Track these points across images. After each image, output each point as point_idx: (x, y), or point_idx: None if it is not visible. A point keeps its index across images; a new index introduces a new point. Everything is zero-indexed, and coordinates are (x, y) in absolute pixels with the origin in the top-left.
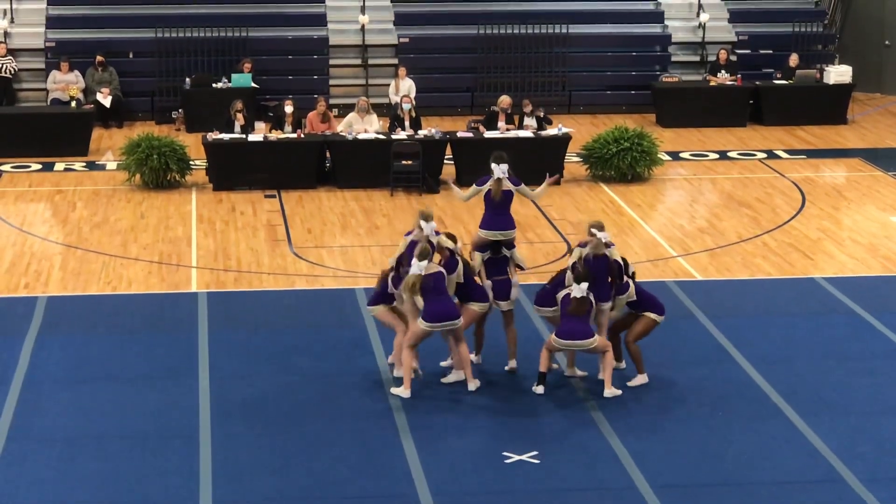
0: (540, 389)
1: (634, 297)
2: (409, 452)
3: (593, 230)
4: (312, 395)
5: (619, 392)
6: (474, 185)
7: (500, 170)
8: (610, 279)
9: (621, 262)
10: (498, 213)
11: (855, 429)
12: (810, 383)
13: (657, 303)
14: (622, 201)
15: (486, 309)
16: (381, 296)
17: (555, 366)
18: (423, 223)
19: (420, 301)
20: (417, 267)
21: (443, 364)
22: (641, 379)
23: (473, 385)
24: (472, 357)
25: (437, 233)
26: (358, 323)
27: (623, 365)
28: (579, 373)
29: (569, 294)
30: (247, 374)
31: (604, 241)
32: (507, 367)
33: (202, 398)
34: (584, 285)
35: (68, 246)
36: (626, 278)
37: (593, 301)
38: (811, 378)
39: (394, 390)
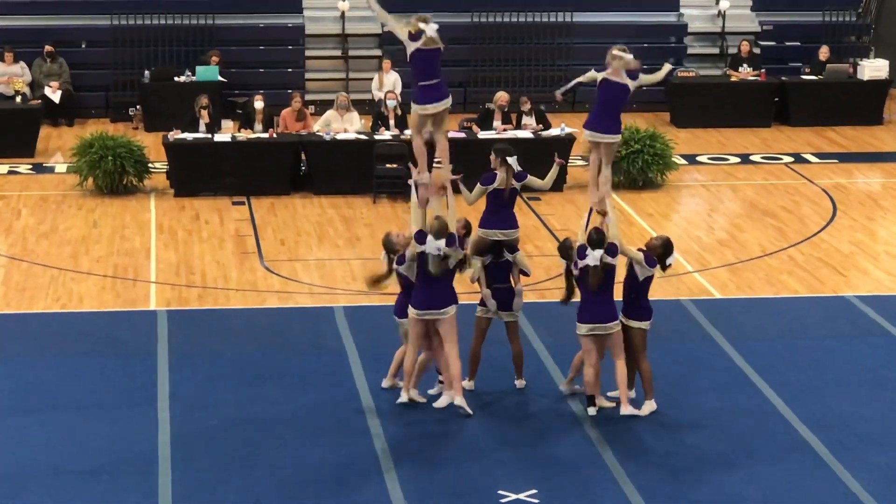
0: (592, 411)
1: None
2: (394, 492)
3: (616, 51)
4: (284, 425)
5: (638, 412)
6: (479, 185)
7: (514, 161)
8: None
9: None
10: (500, 210)
11: (892, 466)
12: (842, 414)
13: (648, 307)
14: (632, 210)
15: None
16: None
17: (576, 387)
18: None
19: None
20: (434, 247)
21: (431, 392)
22: (651, 406)
23: (460, 399)
24: (465, 383)
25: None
26: (336, 345)
27: (633, 393)
28: (577, 388)
29: (586, 266)
30: (211, 402)
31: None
32: (517, 384)
33: (162, 429)
34: (599, 252)
35: (12, 258)
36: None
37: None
38: (843, 408)
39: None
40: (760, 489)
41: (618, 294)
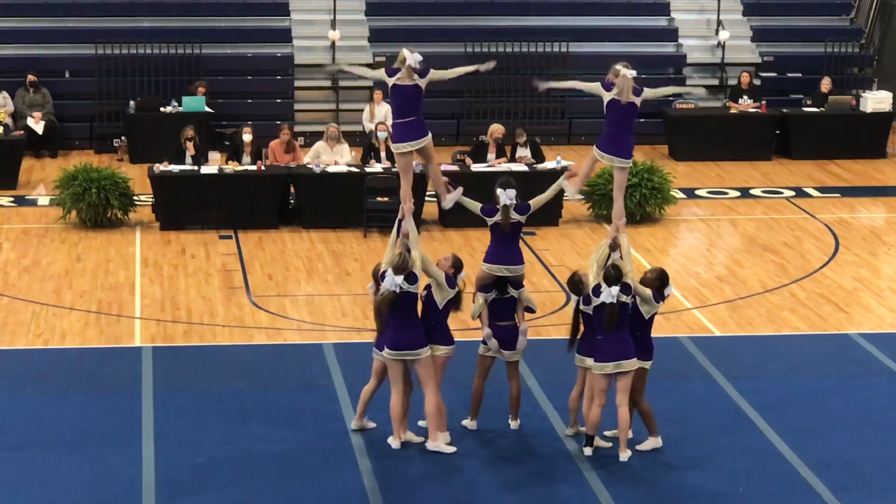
0: (588, 451)
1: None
2: None
3: (621, 68)
4: (272, 466)
5: (638, 447)
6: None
7: (506, 196)
8: None
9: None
10: (505, 245)
11: None
12: (845, 455)
13: (651, 346)
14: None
15: (450, 353)
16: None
17: (581, 428)
18: None
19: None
20: (392, 283)
21: (421, 423)
22: (655, 442)
23: (434, 444)
24: (468, 422)
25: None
26: (324, 382)
27: (630, 434)
28: (582, 429)
29: (602, 304)
30: (197, 440)
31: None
32: (511, 425)
33: (146, 467)
34: (615, 289)
35: None
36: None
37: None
38: (846, 449)
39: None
40: None
41: None
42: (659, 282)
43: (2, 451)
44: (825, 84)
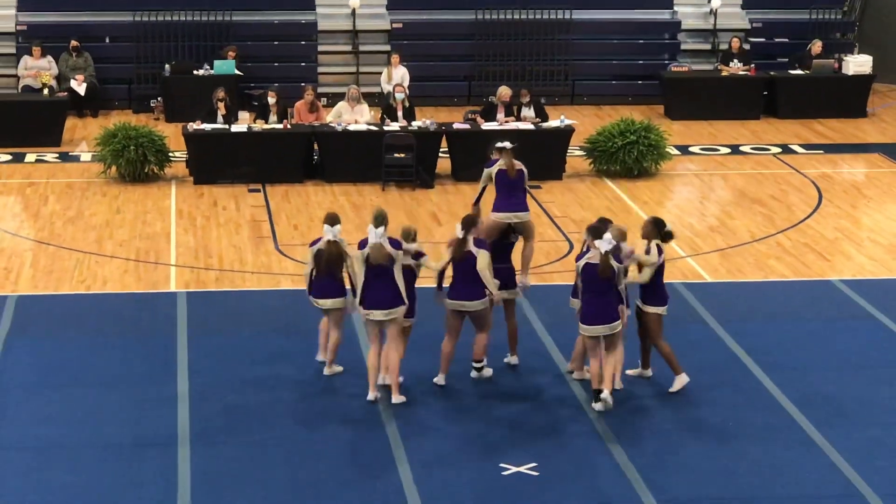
0: (599, 406)
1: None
2: (401, 462)
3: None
4: (298, 401)
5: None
6: (484, 169)
7: (506, 143)
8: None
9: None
10: (512, 193)
11: (874, 441)
12: (826, 392)
13: (663, 294)
14: (628, 198)
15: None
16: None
17: (618, 386)
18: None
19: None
20: (375, 235)
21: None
22: (682, 380)
23: (397, 398)
24: (511, 358)
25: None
26: (345, 325)
27: (650, 372)
28: (587, 374)
29: (588, 262)
30: (228, 379)
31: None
32: (506, 360)
33: (181, 405)
34: (605, 239)
35: (40, 242)
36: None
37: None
38: (827, 387)
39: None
40: (750, 461)
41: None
42: (655, 228)
43: (48, 388)
44: (816, 47)
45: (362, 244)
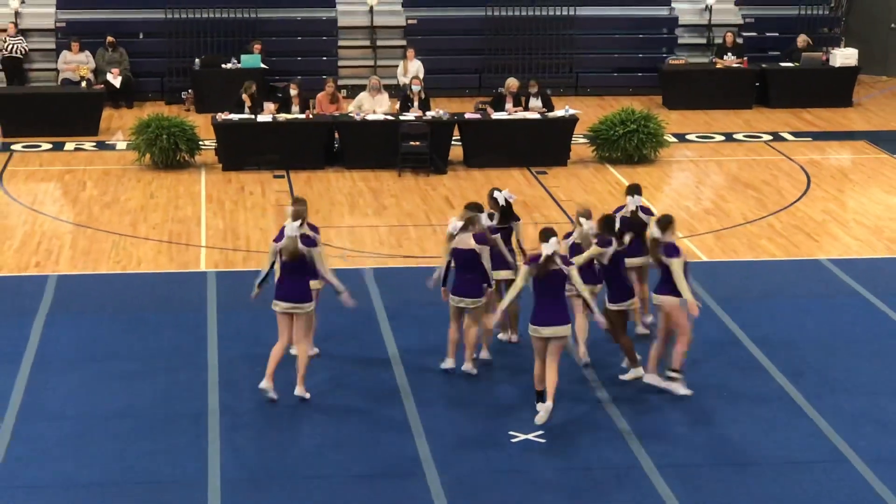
0: (541, 407)
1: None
2: (416, 431)
3: (581, 218)
4: (321, 375)
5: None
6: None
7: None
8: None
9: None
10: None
11: (859, 410)
12: (815, 365)
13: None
14: (628, 183)
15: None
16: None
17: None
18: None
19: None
20: (292, 228)
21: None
22: (637, 372)
23: (269, 386)
24: (509, 335)
25: None
26: (364, 303)
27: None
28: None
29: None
30: (255, 354)
31: (589, 230)
32: (509, 338)
33: (210, 377)
34: (550, 242)
35: (78, 225)
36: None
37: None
38: (816, 360)
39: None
40: (742, 429)
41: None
42: (605, 227)
43: (86, 361)
44: (801, 40)
45: (279, 237)
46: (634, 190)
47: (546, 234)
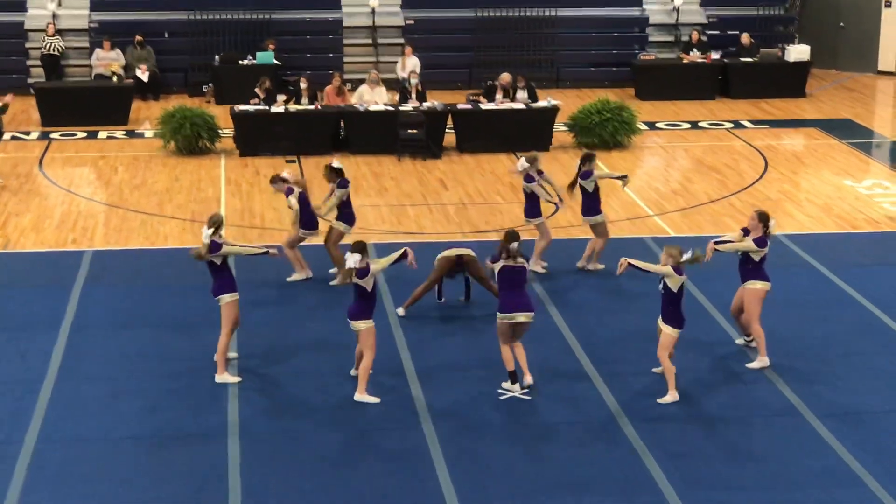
0: (507, 385)
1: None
2: (417, 396)
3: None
4: (332, 341)
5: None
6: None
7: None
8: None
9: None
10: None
11: (812, 370)
12: (771, 329)
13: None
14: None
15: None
16: None
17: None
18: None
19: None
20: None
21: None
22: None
23: (221, 377)
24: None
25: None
26: None
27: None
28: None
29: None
30: (271, 321)
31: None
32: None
33: (232, 344)
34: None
35: (111, 205)
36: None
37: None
38: (771, 324)
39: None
40: (706, 383)
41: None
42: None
43: (118, 328)
44: (744, 38)
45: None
46: (587, 158)
47: (510, 237)
